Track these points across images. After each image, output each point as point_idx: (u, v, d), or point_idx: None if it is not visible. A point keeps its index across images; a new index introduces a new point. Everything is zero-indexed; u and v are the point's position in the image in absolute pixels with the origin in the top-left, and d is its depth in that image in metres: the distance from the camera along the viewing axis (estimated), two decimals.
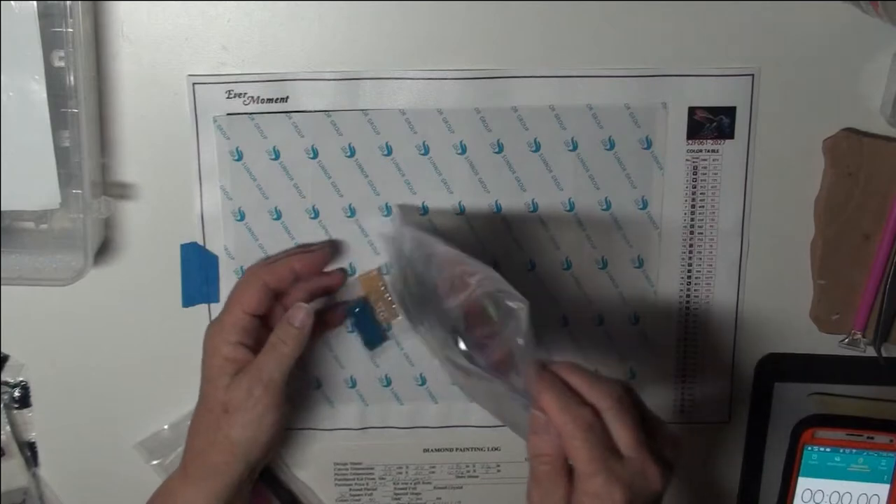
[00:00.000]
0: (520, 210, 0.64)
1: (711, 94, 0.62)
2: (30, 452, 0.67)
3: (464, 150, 0.63)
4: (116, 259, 0.63)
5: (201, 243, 0.64)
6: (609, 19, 0.60)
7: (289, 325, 0.59)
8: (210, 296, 0.65)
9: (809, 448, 0.68)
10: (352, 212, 0.64)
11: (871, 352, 0.66)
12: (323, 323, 0.64)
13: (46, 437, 0.67)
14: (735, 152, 0.63)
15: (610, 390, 0.51)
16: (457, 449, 0.69)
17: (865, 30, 0.61)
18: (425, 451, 0.69)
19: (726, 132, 0.63)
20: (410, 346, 0.66)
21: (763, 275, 0.66)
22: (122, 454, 0.67)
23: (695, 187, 0.64)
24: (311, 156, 0.62)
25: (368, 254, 0.64)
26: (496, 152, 0.63)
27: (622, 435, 0.50)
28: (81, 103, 0.55)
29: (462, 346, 0.54)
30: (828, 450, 0.68)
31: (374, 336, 0.66)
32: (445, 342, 0.55)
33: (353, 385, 0.67)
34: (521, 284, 0.65)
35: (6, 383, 0.65)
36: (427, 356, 0.66)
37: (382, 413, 0.68)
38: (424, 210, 0.64)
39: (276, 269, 0.61)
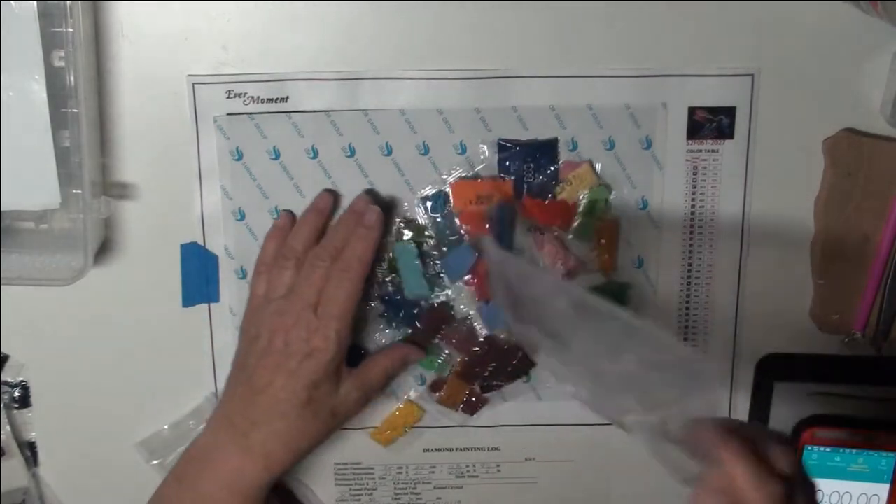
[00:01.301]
0: None
1: (711, 94, 0.62)
2: (30, 452, 0.67)
3: (464, 149, 0.63)
4: (116, 259, 0.63)
5: (201, 243, 0.64)
6: (609, 19, 0.60)
7: (403, 348, 0.64)
8: (210, 296, 0.65)
9: (809, 448, 0.68)
10: None
11: (871, 352, 0.66)
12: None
13: (46, 437, 0.67)
14: (735, 152, 0.63)
15: (796, 460, 0.50)
16: (457, 449, 0.69)
17: (865, 30, 0.61)
18: (425, 451, 0.69)
19: (726, 132, 0.63)
20: None
21: (763, 275, 0.66)
22: (122, 454, 0.67)
23: (695, 187, 0.64)
24: (311, 156, 0.62)
25: None
26: (497, 152, 0.63)
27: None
28: (81, 103, 0.55)
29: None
30: (828, 450, 0.68)
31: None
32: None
33: None
34: None
35: (6, 383, 0.65)
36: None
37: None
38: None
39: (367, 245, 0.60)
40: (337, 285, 0.59)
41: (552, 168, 0.63)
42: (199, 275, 0.64)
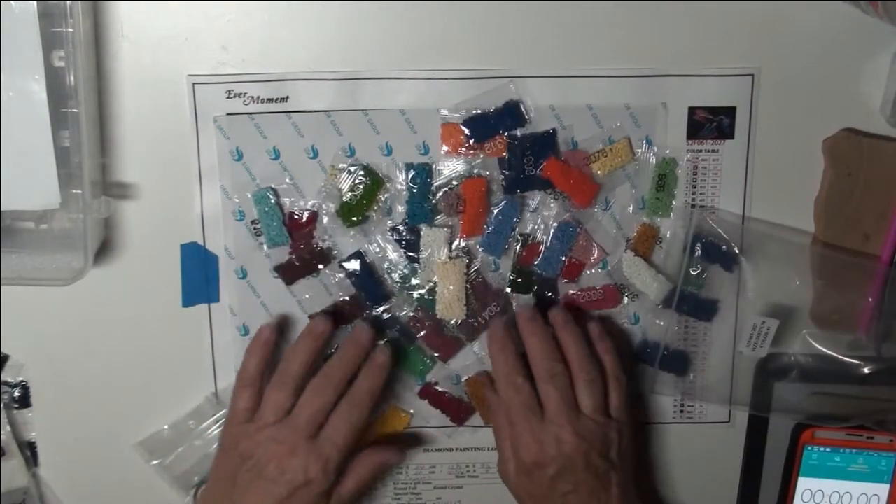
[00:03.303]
0: None
1: (711, 94, 0.62)
2: (30, 452, 0.67)
3: None
4: (116, 259, 0.63)
5: (201, 243, 0.64)
6: (609, 19, 0.60)
7: (382, 454, 0.65)
8: (210, 296, 0.65)
9: (809, 448, 0.68)
10: None
11: (871, 352, 0.66)
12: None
13: (46, 437, 0.67)
14: (735, 152, 0.63)
15: (623, 404, 0.62)
16: (457, 449, 0.69)
17: (865, 30, 0.61)
18: (425, 451, 0.69)
19: (726, 132, 0.63)
20: None
21: (763, 275, 0.66)
22: (122, 454, 0.67)
23: (695, 187, 0.64)
24: (311, 156, 0.62)
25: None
26: None
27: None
28: (81, 103, 0.55)
29: None
30: (828, 450, 0.68)
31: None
32: None
33: None
34: None
35: (6, 383, 0.66)
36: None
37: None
38: None
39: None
40: (345, 418, 0.60)
41: (547, 159, 0.63)
42: (199, 275, 0.64)
